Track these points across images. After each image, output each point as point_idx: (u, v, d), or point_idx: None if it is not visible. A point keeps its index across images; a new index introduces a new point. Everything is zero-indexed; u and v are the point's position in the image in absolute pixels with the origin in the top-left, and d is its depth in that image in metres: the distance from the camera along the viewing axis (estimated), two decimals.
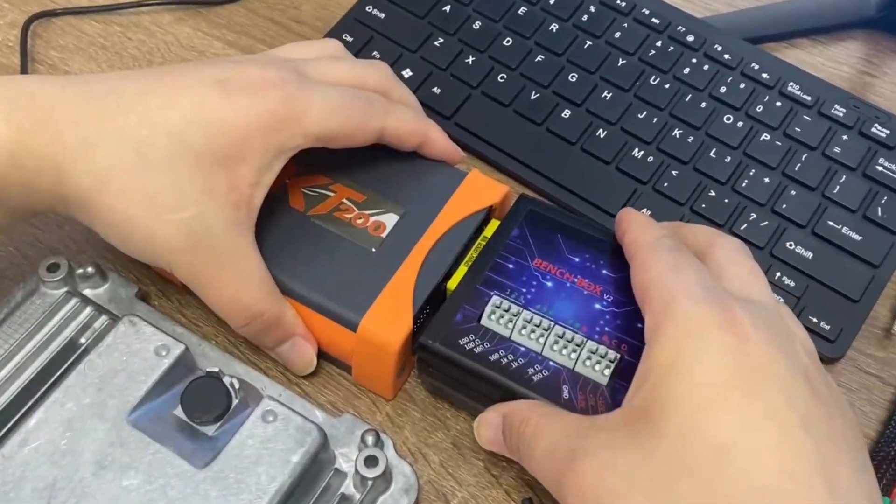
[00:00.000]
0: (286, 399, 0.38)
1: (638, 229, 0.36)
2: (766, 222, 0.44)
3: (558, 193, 0.46)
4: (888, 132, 0.46)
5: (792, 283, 0.42)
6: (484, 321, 0.36)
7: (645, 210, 0.45)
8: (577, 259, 0.38)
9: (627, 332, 0.36)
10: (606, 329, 0.36)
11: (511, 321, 0.36)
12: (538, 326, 0.36)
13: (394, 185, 0.40)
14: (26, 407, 0.35)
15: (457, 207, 0.39)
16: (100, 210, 0.34)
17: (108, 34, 0.53)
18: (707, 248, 0.35)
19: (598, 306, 0.36)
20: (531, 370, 0.35)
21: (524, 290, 0.37)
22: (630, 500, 0.28)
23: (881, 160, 0.45)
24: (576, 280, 0.37)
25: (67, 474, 0.32)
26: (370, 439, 0.36)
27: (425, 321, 0.37)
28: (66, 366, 0.37)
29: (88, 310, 0.38)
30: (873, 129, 0.46)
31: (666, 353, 0.30)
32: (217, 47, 0.53)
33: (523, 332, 0.36)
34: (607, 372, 0.34)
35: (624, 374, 0.35)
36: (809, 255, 0.43)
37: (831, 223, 0.44)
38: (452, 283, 0.38)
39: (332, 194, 0.40)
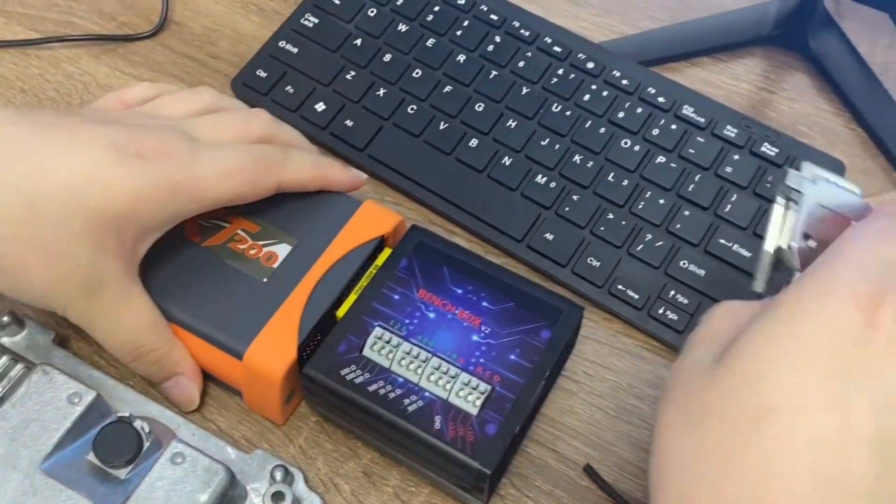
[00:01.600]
0: (199, 438, 0.39)
1: None
2: (661, 242, 0.46)
3: (467, 221, 0.48)
4: (777, 150, 0.48)
5: (686, 301, 0.45)
6: (366, 352, 0.38)
7: (548, 235, 0.47)
8: (460, 291, 0.40)
9: (501, 363, 0.38)
10: (482, 360, 0.38)
11: (391, 352, 0.38)
12: (416, 358, 0.38)
13: (288, 215, 0.42)
14: None
15: (349, 237, 0.41)
16: None
17: (27, 77, 0.54)
18: None
19: (475, 338, 0.38)
20: (407, 400, 0.37)
21: (407, 322, 0.39)
22: (684, 404, 0.28)
23: (770, 178, 0.48)
24: (457, 312, 0.39)
25: None
26: (279, 475, 0.38)
27: (314, 349, 0.39)
28: None
29: (4, 359, 0.39)
30: (763, 148, 0.48)
31: (789, 301, 0.28)
32: None
33: (402, 363, 0.37)
34: (478, 403, 0.37)
35: (494, 404, 0.37)
36: (702, 272, 0.45)
37: (723, 241, 0.46)
38: (342, 312, 0.40)
39: (226, 225, 0.42)
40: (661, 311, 0.44)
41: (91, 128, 0.36)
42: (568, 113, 0.50)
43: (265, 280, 0.40)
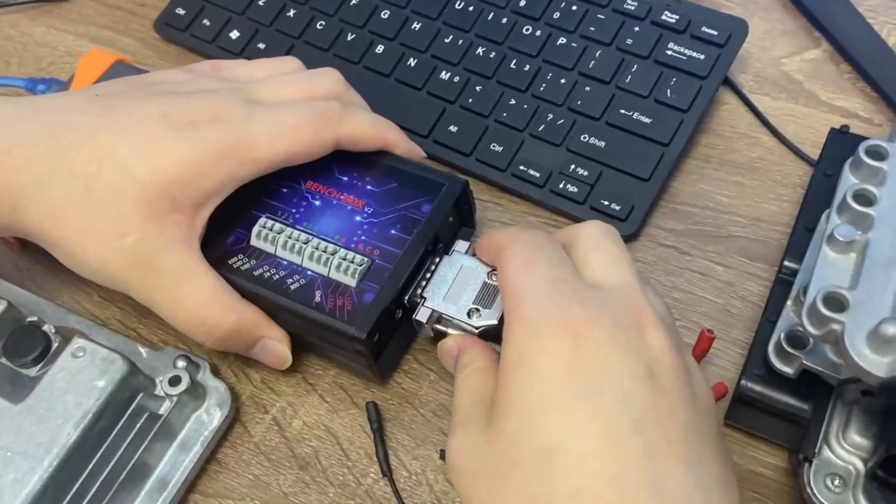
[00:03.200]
0: (113, 342, 0.41)
1: (501, 234, 0.36)
2: (563, 120, 0.46)
3: None
4: (677, 17, 0.48)
5: (586, 173, 0.45)
6: (253, 241, 0.39)
7: (452, 127, 0.47)
8: (345, 178, 0.41)
9: (381, 238, 0.39)
10: (363, 238, 0.39)
11: (275, 239, 0.39)
12: (298, 241, 0.39)
13: None
14: None
15: None
16: (55, 242, 0.37)
17: None
18: (573, 238, 0.34)
19: (358, 219, 0.39)
20: (290, 280, 0.38)
21: (293, 211, 0.40)
22: (474, 483, 0.30)
23: (670, 44, 0.47)
24: (342, 197, 0.40)
25: None
26: (180, 363, 0.39)
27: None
28: None
29: None
30: (663, 17, 0.48)
31: (511, 352, 0.30)
32: (69, 40, 0.57)
33: (286, 247, 0.39)
34: (356, 275, 0.38)
35: (374, 275, 0.38)
36: (602, 144, 0.45)
37: (623, 111, 0.46)
38: None
39: None
40: (561, 186, 0.45)
41: (148, 103, 0.37)
42: (471, 8, 0.50)
43: None
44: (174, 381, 0.38)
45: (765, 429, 0.37)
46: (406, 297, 0.38)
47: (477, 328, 0.36)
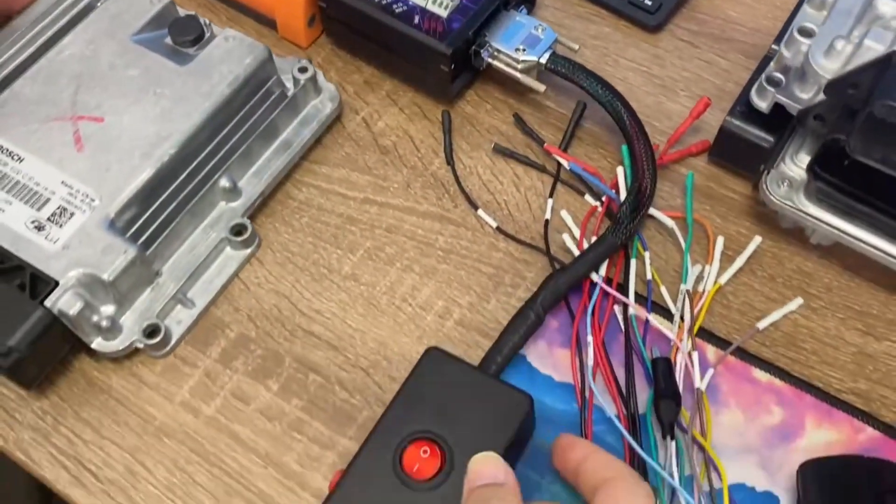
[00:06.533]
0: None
1: (594, 455, 0.36)
2: None
3: None
4: None
5: None
6: None
7: None
8: None
9: None
10: None
11: None
12: None
13: None
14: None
15: None
16: None
17: None
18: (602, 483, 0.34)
19: None
20: (395, 6, 0.50)
21: None
22: None
23: None
24: None
25: (90, 69, 0.48)
26: (303, 62, 0.51)
27: None
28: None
29: None
30: None
31: None
32: None
33: None
34: (447, 8, 0.49)
35: (461, 11, 0.49)
36: None
37: None
38: None
39: None
40: None
41: None
42: None
43: None
44: (303, 70, 0.50)
45: (739, 161, 0.49)
46: (478, 37, 0.50)
47: (520, 62, 0.49)
